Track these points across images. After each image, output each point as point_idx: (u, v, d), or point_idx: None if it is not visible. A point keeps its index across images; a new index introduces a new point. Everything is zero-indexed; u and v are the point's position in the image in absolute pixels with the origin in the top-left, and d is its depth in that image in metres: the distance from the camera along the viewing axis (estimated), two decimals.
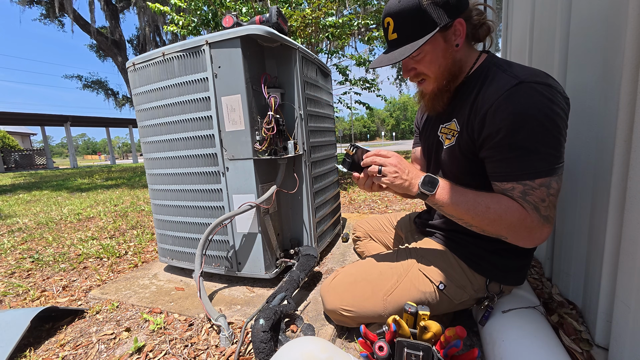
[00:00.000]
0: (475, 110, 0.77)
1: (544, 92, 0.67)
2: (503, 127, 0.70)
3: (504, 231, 0.75)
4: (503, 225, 0.74)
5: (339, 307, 0.96)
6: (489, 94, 0.74)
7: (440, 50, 0.78)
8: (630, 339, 0.72)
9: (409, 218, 1.30)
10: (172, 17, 3.95)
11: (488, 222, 0.75)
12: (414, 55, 0.80)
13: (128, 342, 1.07)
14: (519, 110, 0.68)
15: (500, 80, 0.73)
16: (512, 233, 0.75)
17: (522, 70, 0.72)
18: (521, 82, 0.69)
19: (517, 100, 0.69)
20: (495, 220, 0.74)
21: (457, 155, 0.85)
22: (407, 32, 0.77)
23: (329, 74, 1.86)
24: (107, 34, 14.61)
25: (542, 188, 0.70)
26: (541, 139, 0.68)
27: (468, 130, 0.80)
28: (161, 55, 1.31)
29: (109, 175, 9.10)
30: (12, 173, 13.54)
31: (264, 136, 1.24)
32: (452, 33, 0.77)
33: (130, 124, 21.00)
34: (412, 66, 0.84)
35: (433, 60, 0.80)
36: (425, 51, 0.79)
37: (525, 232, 0.73)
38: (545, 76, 0.70)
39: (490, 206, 0.75)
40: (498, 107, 0.71)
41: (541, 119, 0.67)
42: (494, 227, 0.75)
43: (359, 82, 5.18)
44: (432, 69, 0.81)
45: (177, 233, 1.48)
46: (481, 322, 0.91)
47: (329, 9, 3.88)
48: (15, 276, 1.75)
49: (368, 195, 3.63)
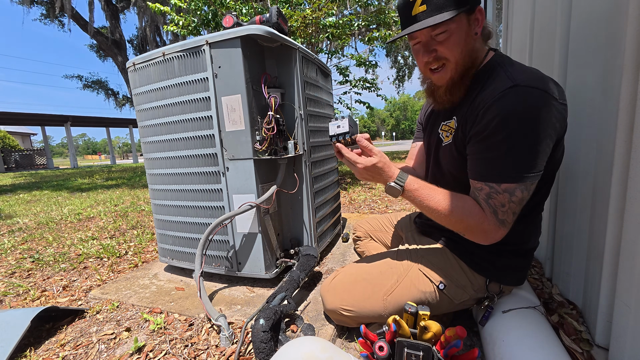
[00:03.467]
0: (472, 109, 0.77)
1: (536, 97, 0.67)
2: (487, 127, 0.72)
3: (462, 231, 0.80)
4: (462, 226, 0.79)
5: (339, 307, 0.96)
6: (486, 94, 0.74)
7: (464, 33, 0.76)
8: (631, 339, 0.72)
9: (410, 218, 1.30)
10: (172, 17, 3.95)
11: (450, 220, 0.80)
12: (438, 33, 0.75)
13: (128, 342, 1.07)
14: (504, 114, 0.69)
15: (499, 81, 0.73)
16: (469, 233, 0.80)
17: (521, 73, 0.71)
18: (515, 85, 0.69)
19: (505, 103, 0.69)
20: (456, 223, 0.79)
21: (454, 153, 0.85)
22: (438, 3, 0.72)
23: (329, 74, 1.86)
24: (107, 34, 14.62)
25: (505, 194, 0.72)
26: (517, 145, 0.69)
27: (463, 128, 0.81)
28: (161, 55, 1.31)
29: (109, 175, 9.11)
30: (13, 173, 13.55)
31: (264, 136, 1.24)
32: (474, 19, 0.77)
33: (130, 124, 21.01)
34: (434, 47, 0.78)
35: (457, 42, 0.76)
36: (451, 30, 0.75)
37: (481, 234, 0.78)
38: (543, 81, 0.69)
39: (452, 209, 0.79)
40: (488, 108, 0.72)
41: (523, 126, 0.68)
42: (456, 226, 0.80)
43: (359, 82, 5.18)
44: (455, 52, 0.77)
45: (178, 233, 1.48)
46: (481, 322, 0.91)
47: (329, 9, 3.88)
48: (16, 276, 1.76)
49: (368, 195, 3.64)
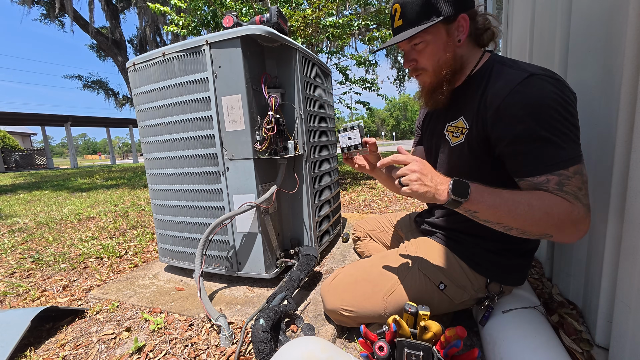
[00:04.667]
0: (485, 106, 0.76)
1: (555, 83, 0.68)
2: (521, 119, 0.69)
3: (551, 229, 0.69)
4: (550, 222, 0.68)
5: (339, 307, 0.96)
6: (498, 88, 0.74)
7: (441, 43, 0.79)
8: (631, 339, 0.72)
9: (409, 218, 1.30)
10: (172, 17, 3.95)
11: (533, 221, 0.68)
12: (416, 43, 0.81)
13: (128, 342, 1.07)
14: (534, 101, 0.68)
15: (509, 75, 0.73)
16: (559, 230, 0.68)
17: (529, 65, 0.73)
18: (532, 74, 0.70)
19: (530, 91, 0.69)
20: (542, 219, 0.68)
21: (465, 153, 0.84)
22: (411, 18, 0.79)
23: (329, 74, 1.86)
24: (107, 34, 14.63)
25: (577, 176, 0.67)
26: (563, 127, 0.67)
27: (478, 126, 0.79)
28: (161, 55, 1.31)
29: (109, 175, 9.11)
30: (13, 173, 13.55)
31: (264, 136, 1.24)
32: (456, 27, 0.79)
33: (130, 124, 21.00)
34: (413, 57, 0.85)
35: (434, 52, 0.81)
36: (427, 41, 0.80)
37: (571, 226, 0.68)
38: (551, 71, 0.71)
39: (532, 204, 0.68)
40: (512, 100, 0.70)
41: (558, 108, 0.67)
42: (539, 227, 0.69)
43: (359, 82, 5.18)
44: (431, 62, 0.82)
45: (178, 233, 1.48)
46: (481, 322, 0.90)
47: (329, 9, 3.88)
48: (16, 276, 1.76)
49: (368, 195, 3.63)
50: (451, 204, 0.72)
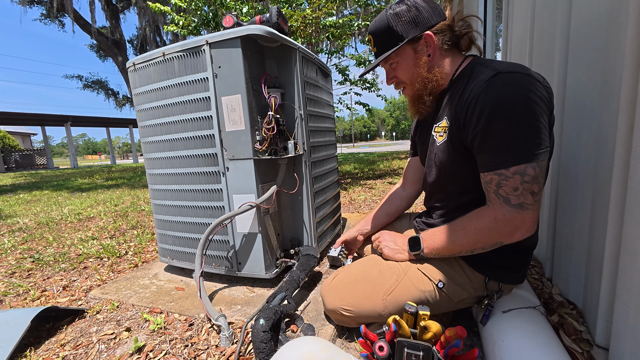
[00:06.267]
0: (461, 104, 0.80)
1: (520, 80, 0.70)
2: (481, 116, 0.73)
3: (493, 238, 0.77)
4: (486, 235, 0.77)
5: (339, 307, 0.96)
6: (472, 86, 0.77)
7: (410, 60, 0.89)
8: (631, 339, 0.72)
9: (409, 218, 1.30)
10: (172, 17, 3.95)
11: (474, 241, 0.79)
12: (391, 63, 0.93)
13: (128, 342, 1.07)
14: (494, 99, 0.71)
15: (482, 74, 0.76)
16: (498, 235, 0.77)
17: (501, 64, 0.76)
18: (499, 72, 0.72)
19: (493, 89, 0.71)
20: (477, 235, 0.78)
21: (449, 149, 0.87)
22: (382, 46, 0.91)
23: (329, 74, 1.86)
24: (107, 34, 14.63)
25: (516, 176, 0.71)
26: (517, 126, 0.69)
27: (455, 123, 0.82)
28: (161, 55, 1.31)
29: (110, 175, 9.11)
30: (13, 173, 13.55)
31: (264, 136, 1.24)
32: (423, 44, 0.87)
33: (130, 124, 21.01)
34: (393, 75, 0.96)
35: (405, 68, 0.92)
36: (397, 61, 0.92)
37: (506, 227, 0.75)
38: (524, 68, 0.73)
39: (465, 226, 0.81)
40: (477, 97, 0.74)
41: (517, 106, 0.69)
42: (482, 242, 0.79)
43: (359, 82, 5.18)
44: (406, 76, 0.93)
45: (178, 233, 1.48)
46: (481, 322, 0.90)
47: (329, 9, 3.88)
48: (16, 276, 1.76)
49: (368, 195, 3.64)
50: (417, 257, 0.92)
